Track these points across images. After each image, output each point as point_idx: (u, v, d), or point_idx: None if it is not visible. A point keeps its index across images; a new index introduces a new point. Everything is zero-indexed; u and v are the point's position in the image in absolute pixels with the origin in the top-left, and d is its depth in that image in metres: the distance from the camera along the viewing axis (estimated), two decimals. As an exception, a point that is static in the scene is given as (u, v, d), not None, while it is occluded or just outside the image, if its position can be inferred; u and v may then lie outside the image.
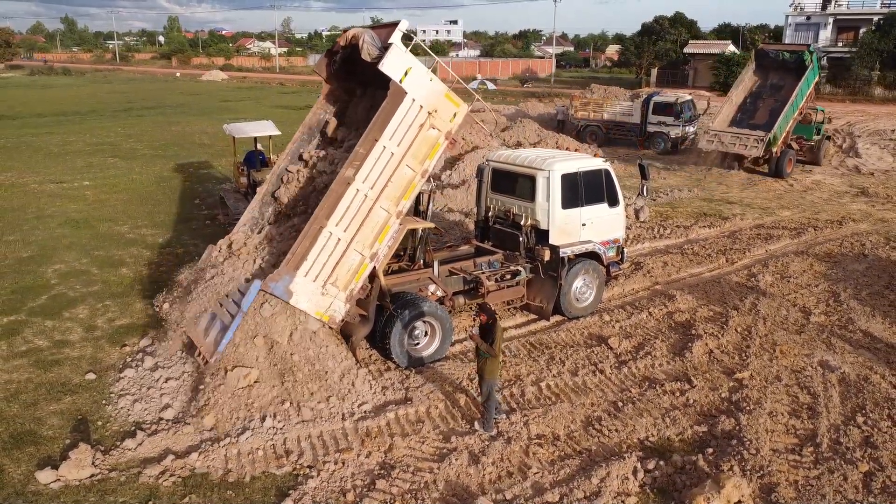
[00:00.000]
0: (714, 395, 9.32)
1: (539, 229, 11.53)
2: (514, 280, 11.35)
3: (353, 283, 9.46)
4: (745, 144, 23.90)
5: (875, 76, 57.53)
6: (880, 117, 42.32)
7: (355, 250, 9.33)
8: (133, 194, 20.71)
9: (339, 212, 9.06)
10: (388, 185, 9.38)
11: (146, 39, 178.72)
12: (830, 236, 17.17)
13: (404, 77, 9.14)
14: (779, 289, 13.28)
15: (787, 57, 25.81)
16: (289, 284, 8.88)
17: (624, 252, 12.70)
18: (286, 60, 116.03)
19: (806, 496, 7.21)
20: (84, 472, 7.42)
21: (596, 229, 11.88)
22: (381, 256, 9.72)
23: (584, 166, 11.71)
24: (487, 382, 8.33)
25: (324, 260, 9.11)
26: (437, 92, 9.58)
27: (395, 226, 9.67)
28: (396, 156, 9.36)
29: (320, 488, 7.36)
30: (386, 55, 9.00)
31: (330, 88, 11.20)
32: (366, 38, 9.43)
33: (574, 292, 11.82)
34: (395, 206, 9.57)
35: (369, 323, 9.68)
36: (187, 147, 29.78)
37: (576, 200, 11.52)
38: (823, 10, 70.40)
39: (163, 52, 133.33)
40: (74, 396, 9.11)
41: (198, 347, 9.17)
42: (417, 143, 9.51)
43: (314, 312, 9.16)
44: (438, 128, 9.69)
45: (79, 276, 13.62)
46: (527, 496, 7.23)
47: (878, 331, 11.42)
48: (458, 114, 9.87)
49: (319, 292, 9.15)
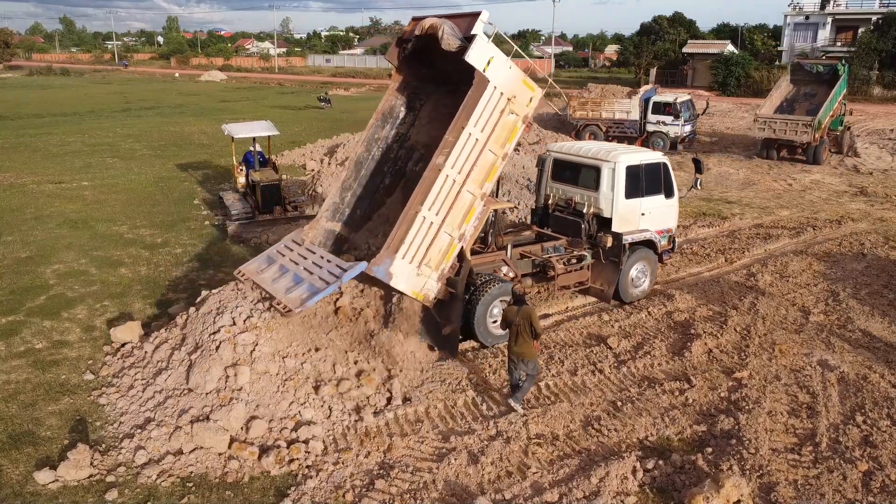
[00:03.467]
0: (713, 394, 9.31)
1: (601, 217, 12.17)
2: (580, 264, 11.99)
3: (444, 263, 10.03)
4: (795, 130, 26.23)
5: (874, 76, 57.58)
6: (879, 117, 42.34)
7: (445, 232, 9.88)
8: (132, 195, 20.70)
9: (431, 197, 9.58)
10: (474, 170, 9.95)
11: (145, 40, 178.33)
12: (829, 236, 17.16)
13: (487, 66, 9.58)
14: (778, 288, 13.27)
15: (821, 69, 28.65)
16: (389, 267, 9.40)
17: (675, 241, 13.42)
18: (285, 61, 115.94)
19: (805, 495, 7.20)
20: (82, 472, 7.41)
21: (653, 219, 12.55)
22: (468, 237, 10.33)
23: (646, 159, 12.46)
24: (534, 360, 8.88)
25: (419, 242, 9.62)
26: (516, 78, 10.07)
27: (479, 207, 10.26)
28: (480, 141, 9.89)
29: (319, 488, 7.34)
30: (471, 46, 9.38)
31: (400, 77, 11.47)
32: (445, 29, 9.68)
33: (631, 278, 12.47)
34: (480, 189, 10.15)
35: (460, 300, 10.13)
36: (186, 147, 29.77)
37: (637, 191, 12.20)
38: (822, 9, 70.48)
39: (162, 52, 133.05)
40: (73, 397, 9.10)
41: (276, 297, 9.46)
42: (499, 129, 10.04)
43: (411, 292, 9.71)
44: (517, 112, 10.23)
45: (77, 276, 13.60)
46: (526, 496, 7.22)
47: (877, 330, 11.42)
48: (534, 98, 10.41)
49: (415, 273, 9.69)
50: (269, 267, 10.27)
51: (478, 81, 9.61)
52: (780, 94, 29.32)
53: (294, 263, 10.04)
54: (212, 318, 9.49)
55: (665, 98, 30.30)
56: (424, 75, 11.45)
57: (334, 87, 66.54)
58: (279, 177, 17.99)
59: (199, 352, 9.02)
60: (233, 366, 8.70)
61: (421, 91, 11.69)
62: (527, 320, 8.60)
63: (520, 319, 8.59)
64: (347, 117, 40.21)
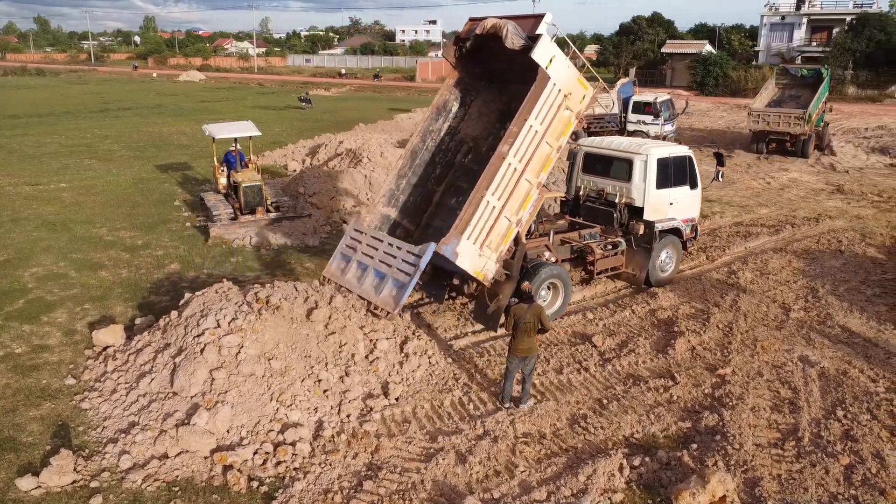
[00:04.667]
0: (697, 391, 9.41)
1: (633, 207, 13.01)
2: (616, 250, 12.83)
3: (502, 246, 10.72)
4: (789, 122, 27.68)
5: (848, 76, 58.51)
6: (854, 116, 43.02)
7: (505, 216, 10.57)
8: (111, 196, 20.44)
9: (495, 183, 10.26)
10: (532, 160, 10.63)
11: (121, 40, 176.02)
12: (808, 233, 17.41)
13: (549, 64, 10.34)
14: (758, 285, 13.44)
15: (805, 73, 30.64)
16: (456, 247, 10.04)
17: (697, 230, 14.25)
18: (265, 61, 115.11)
19: (789, 489, 7.31)
20: (66, 478, 7.31)
21: (679, 208, 13.42)
22: (524, 222, 11.05)
23: (674, 152, 13.39)
24: (536, 355, 9.06)
25: (482, 225, 10.29)
26: (572, 77, 10.86)
27: (535, 195, 10.96)
28: (539, 133, 10.58)
29: (307, 490, 7.31)
30: (537, 44, 10.14)
31: (456, 74, 12.16)
32: (509, 29, 10.38)
33: (660, 263, 13.30)
34: (536, 178, 10.83)
35: (514, 281, 10.69)
36: (165, 148, 29.47)
37: (666, 182, 13.07)
38: (798, 10, 71.46)
39: (139, 52, 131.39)
40: (54, 402, 8.97)
41: (370, 301, 10.30)
42: (556, 122, 10.76)
43: (473, 271, 10.39)
44: (571, 108, 10.99)
45: (56, 279, 13.41)
46: (514, 495, 7.25)
47: (856, 325, 11.60)
48: (587, 96, 11.18)
49: (478, 254, 10.38)
50: (349, 266, 10.96)
51: (540, 77, 10.30)
52: (768, 94, 30.68)
53: (368, 257, 10.75)
54: (196, 320, 9.41)
55: (645, 98, 30.56)
56: (476, 73, 12.23)
57: (315, 88, 66.22)
58: (261, 178, 17.86)
59: (183, 355, 8.94)
60: (218, 368, 8.63)
61: (472, 88, 12.46)
62: (537, 317, 8.76)
63: (530, 317, 8.73)
64: (328, 117, 40.05)
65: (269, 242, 15.71)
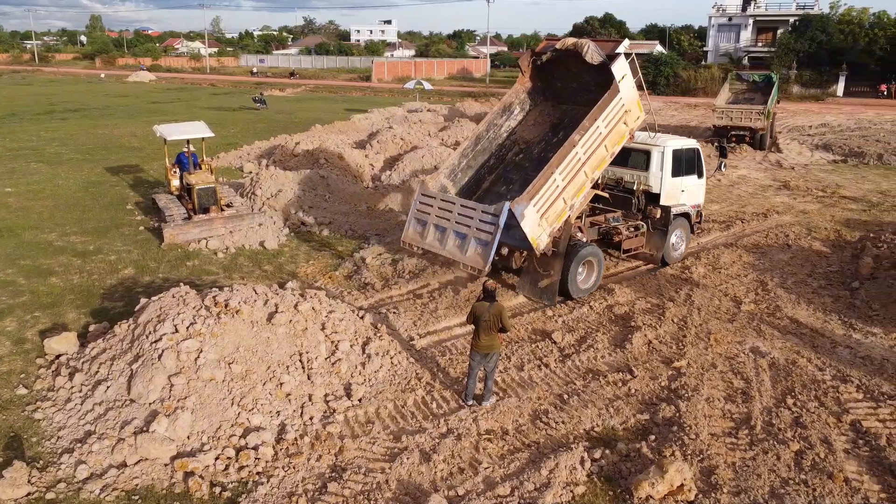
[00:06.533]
0: (654, 383, 9.64)
1: (650, 193, 14.31)
2: (637, 232, 14.25)
3: (556, 223, 11.98)
4: (751, 117, 29.94)
5: (792, 75, 60.43)
6: (798, 114, 44.48)
7: (563, 198, 11.88)
8: (59, 200, 19.84)
9: (564, 163, 11.67)
10: (592, 156, 12.17)
11: (67, 39, 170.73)
12: (757, 228, 17.95)
13: (621, 80, 12.19)
14: (711, 280, 13.83)
15: (757, 79, 33.19)
16: (524, 209, 11.16)
17: (702, 215, 15.86)
18: (217, 61, 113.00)
19: (743, 476, 7.56)
20: (20, 490, 7.11)
21: (689, 195, 14.91)
22: (575, 208, 12.43)
23: (685, 144, 14.78)
24: (498, 353, 9.15)
25: (546, 197, 11.51)
26: (635, 97, 12.71)
27: (588, 188, 12.45)
28: (602, 135, 12.16)
29: (271, 494, 7.27)
30: (615, 61, 12.13)
31: (528, 82, 14.16)
32: (591, 46, 12.38)
33: (672, 243, 14.77)
34: (591, 174, 12.36)
35: (561, 258, 12.17)
36: (116, 150, 28.73)
37: (679, 171, 14.48)
38: (744, 11, 73.45)
39: (85, 52, 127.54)
40: (5, 413, 8.70)
41: (459, 261, 11.57)
42: (614, 132, 12.45)
43: (531, 236, 11.49)
44: (628, 124, 12.67)
45: (4, 287, 12.98)
46: (478, 491, 7.32)
47: (803, 317, 12.03)
48: (640, 118, 13.04)
49: (538, 222, 11.53)
50: (426, 229, 12.08)
51: (613, 89, 12.11)
52: (724, 96, 32.92)
53: (444, 220, 11.85)
54: (153, 326, 9.23)
55: None
56: (538, 87, 14.22)
57: (269, 88, 65.37)
58: (216, 179, 17.57)
59: (140, 361, 8.78)
60: (177, 374, 8.50)
61: (534, 97, 14.32)
62: (497, 316, 8.77)
63: (490, 315, 8.74)
64: (283, 118, 39.59)
65: (225, 245, 15.47)
